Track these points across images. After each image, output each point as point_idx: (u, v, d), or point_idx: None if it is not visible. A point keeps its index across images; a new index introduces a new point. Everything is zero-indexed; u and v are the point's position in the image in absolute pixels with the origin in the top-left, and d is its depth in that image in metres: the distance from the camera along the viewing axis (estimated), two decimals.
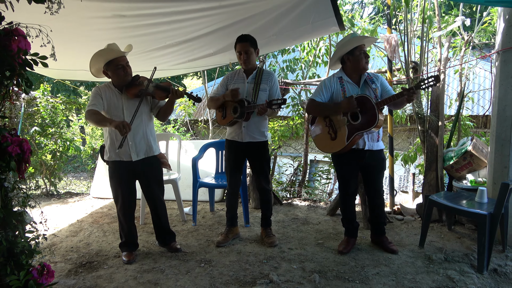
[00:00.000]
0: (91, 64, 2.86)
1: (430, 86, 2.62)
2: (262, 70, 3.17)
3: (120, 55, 2.82)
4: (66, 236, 3.64)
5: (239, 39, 3.05)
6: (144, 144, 2.95)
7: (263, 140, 3.19)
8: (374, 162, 2.93)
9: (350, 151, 2.86)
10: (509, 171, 3.02)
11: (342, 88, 2.87)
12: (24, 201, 1.60)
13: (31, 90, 5.42)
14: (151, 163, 3.01)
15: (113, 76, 2.87)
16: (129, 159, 2.90)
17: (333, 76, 2.96)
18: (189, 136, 7.94)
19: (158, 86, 2.89)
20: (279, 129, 6.10)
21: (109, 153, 2.92)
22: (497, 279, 2.55)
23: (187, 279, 2.60)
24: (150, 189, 3.03)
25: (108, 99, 2.86)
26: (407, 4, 3.93)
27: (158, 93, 2.88)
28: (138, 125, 2.90)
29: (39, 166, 5.68)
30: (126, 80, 2.87)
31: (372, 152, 2.88)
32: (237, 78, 3.18)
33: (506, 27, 2.97)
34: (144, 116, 2.95)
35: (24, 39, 1.52)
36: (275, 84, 3.17)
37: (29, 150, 1.57)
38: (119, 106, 2.87)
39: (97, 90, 2.87)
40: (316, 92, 2.95)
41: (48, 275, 1.60)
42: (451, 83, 6.21)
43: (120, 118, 2.84)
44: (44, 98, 5.54)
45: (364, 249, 3.06)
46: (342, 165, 3.00)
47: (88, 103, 2.83)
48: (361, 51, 2.81)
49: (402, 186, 7.01)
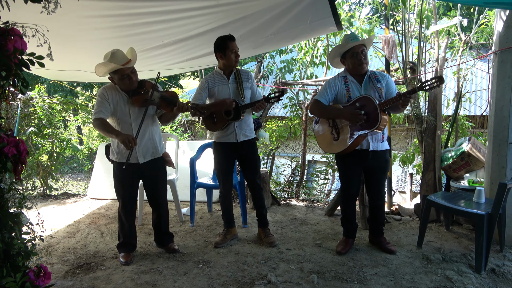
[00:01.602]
0: (96, 71, 2.77)
1: (434, 87, 2.60)
2: (238, 69, 3.15)
3: (121, 67, 2.70)
4: (63, 237, 3.62)
5: (229, 38, 2.99)
6: (150, 146, 2.95)
7: (254, 137, 3.24)
8: (377, 163, 2.91)
9: (354, 151, 2.85)
10: (507, 171, 3.02)
11: (347, 88, 2.86)
12: (20, 202, 1.59)
13: (28, 91, 5.42)
14: (158, 165, 3.02)
15: (119, 84, 2.81)
16: (136, 162, 2.88)
17: (338, 76, 2.94)
18: (187, 136, 7.92)
19: (164, 98, 2.83)
20: (277, 130, 6.09)
21: (116, 154, 2.91)
22: (495, 279, 2.55)
23: (185, 280, 2.59)
24: (155, 189, 3.04)
25: (115, 102, 2.82)
26: (405, 5, 3.94)
27: (163, 105, 2.83)
28: (145, 129, 2.87)
29: (35, 167, 5.65)
30: (132, 87, 2.82)
31: (376, 152, 2.86)
32: (218, 80, 3.11)
33: (504, 27, 2.98)
34: (150, 119, 2.94)
35: (20, 38, 1.51)
36: (254, 81, 3.22)
37: (26, 151, 1.56)
38: (126, 110, 2.84)
39: (104, 93, 2.81)
40: (321, 92, 2.93)
41: (45, 277, 1.59)
42: (448, 83, 6.23)
43: (127, 122, 2.83)
44: (40, 99, 5.51)
45: (362, 250, 3.06)
46: (346, 166, 2.98)
47: (95, 109, 2.78)
48: (354, 53, 2.80)
49: (400, 186, 7.03)
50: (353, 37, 2.83)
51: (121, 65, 2.69)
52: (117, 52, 2.73)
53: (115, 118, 2.84)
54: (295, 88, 5.75)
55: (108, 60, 2.69)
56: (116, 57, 2.70)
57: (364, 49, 2.82)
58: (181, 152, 5.24)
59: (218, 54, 3.05)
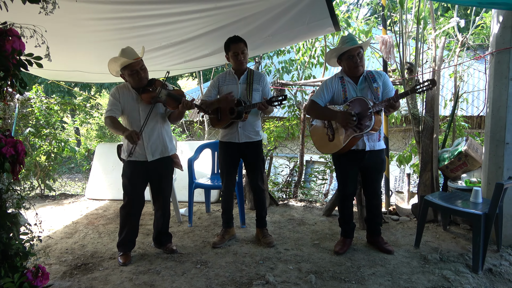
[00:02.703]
0: (109, 68, 2.89)
1: (426, 90, 2.61)
2: (253, 71, 3.17)
3: (131, 62, 2.80)
4: (61, 238, 3.61)
5: (233, 41, 3.03)
6: (159, 145, 2.98)
7: (258, 140, 3.22)
8: (374, 163, 2.92)
9: (350, 152, 2.86)
10: (504, 171, 3.04)
11: (343, 89, 2.88)
12: (18, 203, 1.59)
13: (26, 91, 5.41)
14: (166, 164, 3.05)
15: (129, 80, 2.90)
16: (144, 159, 2.93)
17: (335, 76, 2.96)
18: (185, 137, 7.93)
19: (170, 95, 2.91)
20: (275, 130, 6.09)
21: (126, 152, 2.94)
22: (492, 279, 2.56)
23: (183, 281, 2.59)
24: (161, 189, 3.07)
25: (125, 100, 2.91)
26: (402, 5, 3.95)
27: (169, 102, 2.91)
28: (154, 127, 2.94)
29: (33, 168, 5.64)
30: (142, 84, 2.90)
31: (372, 152, 2.87)
32: (229, 79, 3.17)
33: (500, 28, 2.99)
34: (160, 117, 2.99)
35: (18, 39, 1.51)
36: (267, 85, 3.20)
37: (24, 152, 1.56)
38: (136, 108, 2.91)
39: (116, 92, 2.91)
40: (317, 93, 2.96)
41: (43, 277, 1.59)
42: (445, 84, 6.26)
43: (137, 119, 2.90)
44: (38, 99, 5.50)
45: (360, 250, 3.07)
46: (342, 166, 3.00)
47: (107, 108, 2.90)
48: (350, 55, 2.82)
49: (398, 186, 7.04)
50: (349, 39, 2.84)
51: (131, 60, 2.79)
52: (127, 48, 2.85)
53: (125, 115, 2.93)
54: (293, 89, 5.76)
55: (119, 55, 2.81)
56: (126, 52, 2.82)
57: (360, 51, 2.83)
58: (179, 152, 5.24)
59: (226, 56, 3.15)
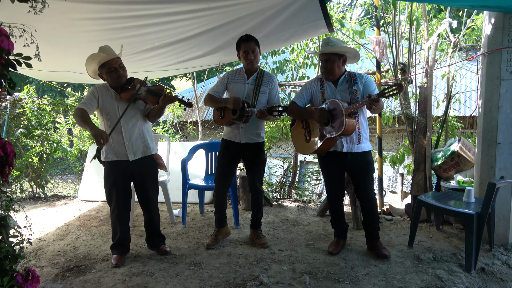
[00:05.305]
0: (87, 67, 2.86)
1: (393, 94, 2.56)
2: (263, 72, 3.14)
3: (109, 59, 2.78)
4: (53, 240, 3.57)
5: (244, 39, 3.01)
6: (140, 143, 2.95)
7: (260, 141, 3.19)
8: (358, 165, 2.89)
9: (331, 153, 2.88)
10: (496, 171, 3.06)
11: (322, 90, 2.91)
12: (7, 205, 1.57)
13: (16, 91, 5.34)
14: (148, 164, 3.01)
15: (107, 79, 2.86)
16: (126, 159, 2.89)
17: (316, 79, 3.02)
18: (178, 137, 7.88)
19: (150, 91, 2.89)
20: (269, 131, 6.09)
21: (106, 153, 2.90)
22: (484, 278, 2.58)
23: (177, 282, 2.57)
24: (145, 190, 3.01)
25: (104, 99, 2.87)
26: (395, 6, 3.97)
27: (149, 98, 2.88)
28: (134, 125, 2.91)
29: (25, 169, 5.57)
30: (120, 82, 2.86)
31: (354, 154, 2.85)
32: (238, 77, 3.14)
33: (492, 29, 3.01)
34: (140, 116, 2.96)
35: (7, 38, 1.49)
36: (275, 87, 3.17)
37: (13, 153, 1.53)
38: (115, 107, 2.87)
39: (94, 90, 2.89)
40: (297, 95, 3.04)
41: (33, 281, 1.56)
42: (438, 84, 6.30)
43: (116, 117, 2.85)
44: (30, 99, 5.44)
45: (354, 250, 3.07)
46: (325, 167, 3.03)
47: (81, 101, 2.84)
48: (320, 60, 2.89)
49: (391, 186, 7.07)
50: (324, 44, 2.86)
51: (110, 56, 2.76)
52: (105, 46, 2.82)
53: (104, 114, 2.87)
54: (287, 89, 5.76)
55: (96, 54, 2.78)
56: (104, 50, 2.80)
57: (329, 58, 2.79)
58: (172, 153, 5.21)
59: (237, 54, 3.13)
